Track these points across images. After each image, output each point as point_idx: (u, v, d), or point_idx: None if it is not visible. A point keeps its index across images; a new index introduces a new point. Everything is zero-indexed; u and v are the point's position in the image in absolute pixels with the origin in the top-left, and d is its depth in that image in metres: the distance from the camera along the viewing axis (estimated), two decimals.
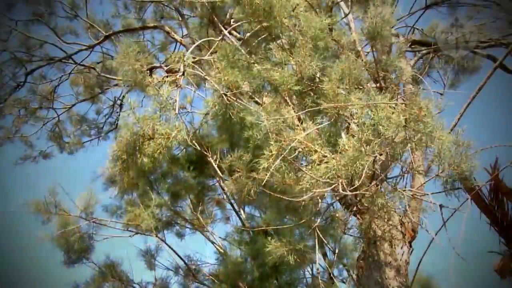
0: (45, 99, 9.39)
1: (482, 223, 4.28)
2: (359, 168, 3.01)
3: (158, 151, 3.88)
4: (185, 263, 7.65)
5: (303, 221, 4.42)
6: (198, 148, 6.70)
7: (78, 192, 7.28)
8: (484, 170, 4.13)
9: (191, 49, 5.23)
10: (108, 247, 8.26)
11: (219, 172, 6.86)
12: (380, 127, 3.01)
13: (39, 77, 9.39)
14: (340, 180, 3.07)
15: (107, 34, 8.44)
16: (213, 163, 6.79)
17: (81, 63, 8.97)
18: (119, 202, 7.78)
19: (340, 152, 3.22)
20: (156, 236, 7.27)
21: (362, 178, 3.02)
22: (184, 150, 7.40)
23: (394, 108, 3.20)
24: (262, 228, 5.72)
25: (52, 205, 6.97)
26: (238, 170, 4.74)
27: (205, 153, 6.79)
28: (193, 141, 6.50)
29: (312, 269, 6.51)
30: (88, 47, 8.64)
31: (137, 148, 3.96)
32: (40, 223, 7.01)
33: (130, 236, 7.24)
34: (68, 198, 7.12)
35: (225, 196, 7.76)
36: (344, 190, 3.05)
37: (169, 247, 7.55)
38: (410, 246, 4.51)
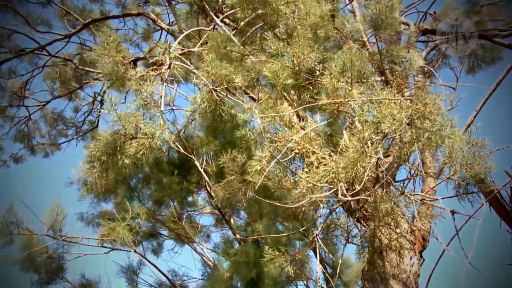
0: (15, 96, 9.40)
1: (502, 231, 4.37)
2: (361, 170, 3.11)
3: (141, 152, 3.97)
4: (168, 279, 7.70)
5: (302, 228, 4.53)
6: (182, 150, 6.72)
7: (54, 199, 7.22)
8: (505, 172, 4.23)
9: (178, 39, 5.32)
10: (84, 264, 8.22)
11: (206, 177, 6.90)
12: (383, 125, 3.10)
13: (8, 71, 9.41)
14: (340, 184, 3.16)
15: (85, 22, 8.46)
16: (199, 167, 6.83)
17: (56, 55, 9.00)
18: (96, 210, 7.84)
19: (340, 153, 3.31)
20: (135, 251, 7.27)
21: (363, 181, 3.11)
22: (167, 153, 7.43)
23: (399, 104, 3.28)
24: (256, 237, 5.80)
25: (13, 224, 6.74)
26: (231, 172, 4.82)
27: (190, 156, 6.82)
28: (177, 143, 6.51)
29: (307, 283, 6.60)
30: (64, 37, 8.66)
31: (118, 148, 4.04)
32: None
33: (105, 253, 7.15)
34: (32, 214, 6.91)
35: (213, 202, 7.80)
36: (344, 195, 3.14)
37: (150, 262, 7.61)
38: (421, 256, 4.58)
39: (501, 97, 5.45)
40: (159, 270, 7.64)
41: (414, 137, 3.25)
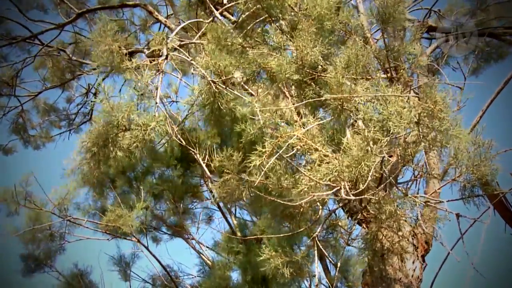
0: (6, 85, 9.28)
1: (507, 236, 4.33)
2: (365, 170, 3.04)
3: (134, 144, 3.90)
4: (168, 273, 7.71)
5: (301, 229, 4.45)
6: (183, 143, 6.67)
7: (47, 189, 7.21)
8: (510, 175, 4.18)
9: (176, 30, 5.24)
10: (77, 254, 8.25)
11: (207, 171, 6.87)
12: (390, 123, 3.04)
13: None
14: (343, 183, 3.10)
15: (78, 12, 8.33)
16: (201, 161, 6.79)
17: (49, 44, 8.88)
18: (91, 200, 7.81)
19: (343, 151, 3.24)
20: (138, 241, 7.27)
21: (367, 181, 3.04)
22: (167, 144, 7.40)
23: (407, 101, 3.22)
24: (255, 236, 5.75)
25: (21, 197, 6.90)
26: (228, 171, 4.75)
27: (191, 149, 6.77)
28: (178, 135, 6.47)
29: (310, 284, 6.56)
30: (57, 27, 8.54)
31: (110, 140, 3.97)
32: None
33: (107, 239, 7.18)
34: (40, 190, 7.07)
35: (213, 200, 7.78)
36: (347, 194, 3.08)
37: (152, 254, 7.59)
38: (423, 260, 4.54)
39: (507, 97, 5.40)
40: (159, 262, 7.65)
41: (421, 137, 3.19)
